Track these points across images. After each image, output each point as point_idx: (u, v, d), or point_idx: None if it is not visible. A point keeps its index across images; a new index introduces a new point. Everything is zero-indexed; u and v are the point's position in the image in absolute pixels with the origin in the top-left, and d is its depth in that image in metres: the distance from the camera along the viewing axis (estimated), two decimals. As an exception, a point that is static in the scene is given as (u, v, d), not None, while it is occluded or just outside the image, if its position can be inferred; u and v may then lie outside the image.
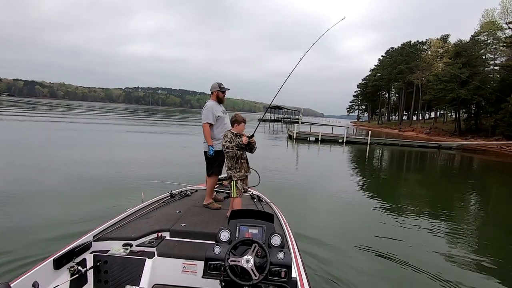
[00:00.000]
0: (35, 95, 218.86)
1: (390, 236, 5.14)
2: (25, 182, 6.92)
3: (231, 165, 3.25)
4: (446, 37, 56.11)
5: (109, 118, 37.54)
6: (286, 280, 1.77)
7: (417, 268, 3.90)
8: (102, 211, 4.96)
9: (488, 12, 42.16)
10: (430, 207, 7.55)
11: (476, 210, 7.96)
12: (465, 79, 34.90)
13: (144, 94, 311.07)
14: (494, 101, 34.54)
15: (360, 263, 3.98)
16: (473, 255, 4.62)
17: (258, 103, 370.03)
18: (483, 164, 19.10)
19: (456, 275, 3.86)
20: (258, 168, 3.79)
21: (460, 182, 12.34)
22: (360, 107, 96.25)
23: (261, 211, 2.29)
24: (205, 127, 3.68)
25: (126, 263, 2.36)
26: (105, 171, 8.52)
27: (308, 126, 34.98)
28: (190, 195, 4.05)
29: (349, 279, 3.47)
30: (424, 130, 45.49)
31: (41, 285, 1.93)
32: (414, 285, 3.62)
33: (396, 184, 11.06)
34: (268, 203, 3.83)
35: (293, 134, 24.63)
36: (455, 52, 40.58)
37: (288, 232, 2.88)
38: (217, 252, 1.83)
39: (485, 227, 6.49)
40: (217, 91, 3.84)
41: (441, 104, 41.86)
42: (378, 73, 72.60)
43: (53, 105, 72.55)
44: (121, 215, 3.03)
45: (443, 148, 24.73)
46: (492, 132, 34.14)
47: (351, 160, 16.97)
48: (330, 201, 7.36)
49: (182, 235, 2.75)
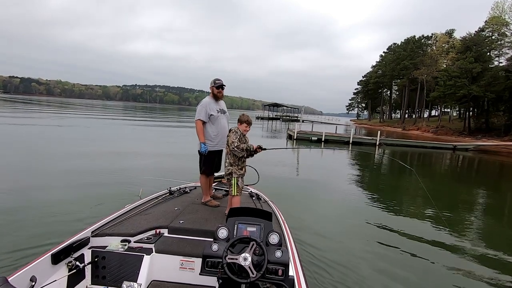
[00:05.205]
0: (31, 93, 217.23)
1: (390, 237, 5.08)
2: (23, 178, 6.90)
3: (233, 162, 3.21)
4: (452, 31, 54.09)
5: (102, 116, 35.84)
6: (283, 278, 1.77)
7: (415, 266, 3.97)
8: (100, 207, 5.07)
9: (498, 4, 40.29)
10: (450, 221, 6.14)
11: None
12: (476, 74, 32.96)
13: (142, 91, 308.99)
14: (507, 98, 32.52)
15: (358, 262, 3.96)
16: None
17: (256, 100, 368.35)
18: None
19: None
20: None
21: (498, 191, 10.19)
22: (360, 104, 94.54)
23: (259, 209, 2.33)
24: (198, 123, 3.61)
25: (124, 259, 2.36)
26: (103, 167, 8.48)
27: (308, 125, 32.89)
28: (189, 192, 4.03)
29: (346, 278, 3.47)
30: (430, 129, 43.32)
31: (39, 279, 1.93)
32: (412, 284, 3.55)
33: (413, 189, 9.34)
34: (267, 201, 3.83)
35: (293, 133, 22.27)
36: (464, 46, 38.42)
37: (286, 230, 2.85)
38: (215, 250, 1.83)
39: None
40: (211, 87, 3.71)
41: (450, 102, 39.63)
42: (380, 70, 70.40)
43: (41, 102, 71.16)
44: (120, 211, 3.01)
45: (458, 150, 22.54)
46: (505, 131, 32.06)
47: (361, 163, 14.84)
48: (331, 203, 7.15)
49: (180, 232, 2.75)
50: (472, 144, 24.30)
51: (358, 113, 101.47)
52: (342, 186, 9.01)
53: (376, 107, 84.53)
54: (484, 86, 32.28)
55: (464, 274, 3.92)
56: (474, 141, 26.66)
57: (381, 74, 69.10)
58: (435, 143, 24.51)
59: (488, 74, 32.97)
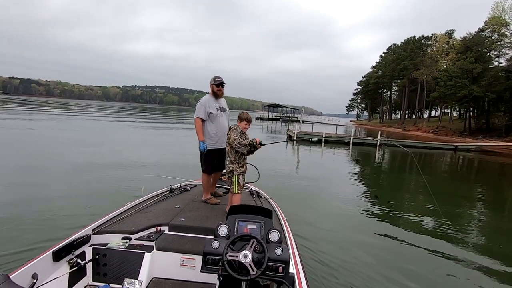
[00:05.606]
0: (31, 93, 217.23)
1: (391, 234, 5.06)
2: (23, 177, 6.90)
3: (234, 159, 3.20)
4: (451, 32, 53.98)
5: (103, 116, 35.57)
6: (283, 276, 1.77)
7: (414, 265, 3.93)
8: (100, 204, 5.05)
9: (498, 4, 40.18)
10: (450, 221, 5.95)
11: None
12: (477, 75, 32.81)
13: (142, 92, 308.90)
14: (508, 98, 32.39)
15: (358, 259, 3.96)
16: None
17: (256, 101, 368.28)
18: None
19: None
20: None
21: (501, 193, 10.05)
22: (360, 105, 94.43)
23: (260, 207, 2.31)
24: (197, 122, 3.58)
25: (125, 257, 2.37)
26: (103, 166, 8.51)
27: (308, 125, 32.73)
28: (190, 190, 4.03)
29: (346, 276, 3.48)
30: (430, 130, 43.19)
31: (40, 277, 1.95)
32: (411, 283, 3.49)
33: (413, 187, 9.35)
34: (267, 199, 3.83)
35: (293, 134, 22.09)
36: (464, 47, 38.31)
37: (286, 228, 2.86)
38: (215, 247, 1.84)
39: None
40: (211, 85, 3.67)
41: (450, 102, 39.49)
42: (380, 70, 70.27)
43: (41, 103, 71.00)
44: (120, 209, 3.01)
45: (460, 150, 22.36)
46: (506, 131, 31.92)
47: (360, 162, 14.72)
48: (331, 200, 7.12)
49: (181, 229, 2.76)
50: (473, 144, 24.14)
51: (358, 114, 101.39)
52: (342, 184, 9.02)
53: (376, 108, 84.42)
54: (485, 86, 32.16)
55: (462, 273, 3.86)
56: (475, 142, 26.51)
57: (381, 75, 68.97)
58: (436, 143, 24.32)
59: (489, 75, 32.85)
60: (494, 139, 29.55)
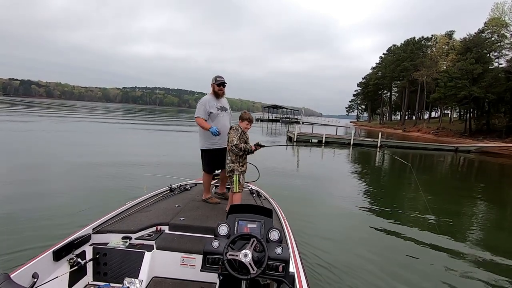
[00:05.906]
0: (31, 95, 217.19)
1: (389, 234, 5.06)
2: (24, 176, 6.91)
3: (235, 159, 3.20)
4: (451, 33, 54.01)
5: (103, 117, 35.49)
6: (283, 275, 1.77)
7: (413, 264, 3.93)
8: (101, 204, 5.07)
9: (498, 5, 40.22)
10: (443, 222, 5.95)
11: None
12: (477, 76, 32.80)
13: (142, 93, 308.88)
14: (508, 99, 32.39)
15: (358, 258, 3.95)
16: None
17: (256, 102, 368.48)
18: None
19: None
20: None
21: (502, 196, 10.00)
22: (359, 106, 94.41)
23: (260, 206, 2.33)
24: (198, 120, 3.54)
25: (125, 256, 2.37)
26: (103, 166, 8.49)
27: (308, 127, 32.64)
28: (190, 189, 4.03)
29: (346, 275, 3.47)
30: (431, 131, 43.17)
31: (41, 276, 1.95)
32: (411, 281, 3.51)
33: (413, 189, 9.07)
34: (267, 198, 3.83)
35: (293, 135, 22.07)
36: (464, 48, 38.29)
37: (286, 227, 2.86)
38: (215, 246, 1.84)
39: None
40: (212, 84, 3.65)
41: (450, 103, 39.48)
42: (380, 71, 70.29)
43: (41, 104, 71.00)
44: (120, 208, 3.00)
45: (460, 151, 22.33)
46: (506, 133, 31.88)
47: (360, 163, 14.68)
48: (331, 200, 7.13)
49: (181, 228, 2.76)
50: (474, 145, 24.12)
51: (358, 115, 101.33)
52: (342, 184, 9.07)
53: (376, 109, 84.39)
54: (485, 87, 32.13)
55: (462, 275, 3.87)
56: (476, 143, 26.51)
57: (381, 76, 68.98)
58: (436, 144, 24.30)
59: (489, 75, 32.83)
60: (495, 140, 29.53)
